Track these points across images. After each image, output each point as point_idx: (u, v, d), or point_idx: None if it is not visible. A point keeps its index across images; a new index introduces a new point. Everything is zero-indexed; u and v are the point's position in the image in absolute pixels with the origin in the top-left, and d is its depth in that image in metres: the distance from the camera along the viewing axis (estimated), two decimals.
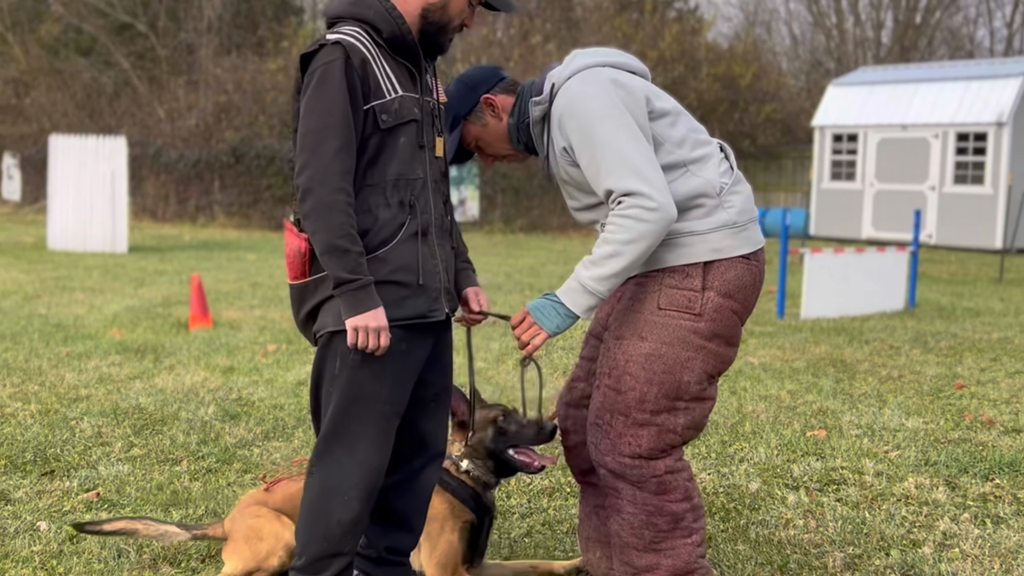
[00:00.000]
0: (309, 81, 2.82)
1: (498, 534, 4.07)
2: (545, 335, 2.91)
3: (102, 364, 7.14)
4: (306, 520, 3.00)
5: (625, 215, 2.84)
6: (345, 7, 2.94)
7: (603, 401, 3.07)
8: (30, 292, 11.13)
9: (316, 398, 3.04)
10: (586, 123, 2.91)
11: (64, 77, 28.90)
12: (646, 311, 3.01)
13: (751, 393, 6.51)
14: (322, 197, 2.75)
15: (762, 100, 25.28)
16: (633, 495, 3.07)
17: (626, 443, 3.03)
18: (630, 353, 3.01)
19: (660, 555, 3.08)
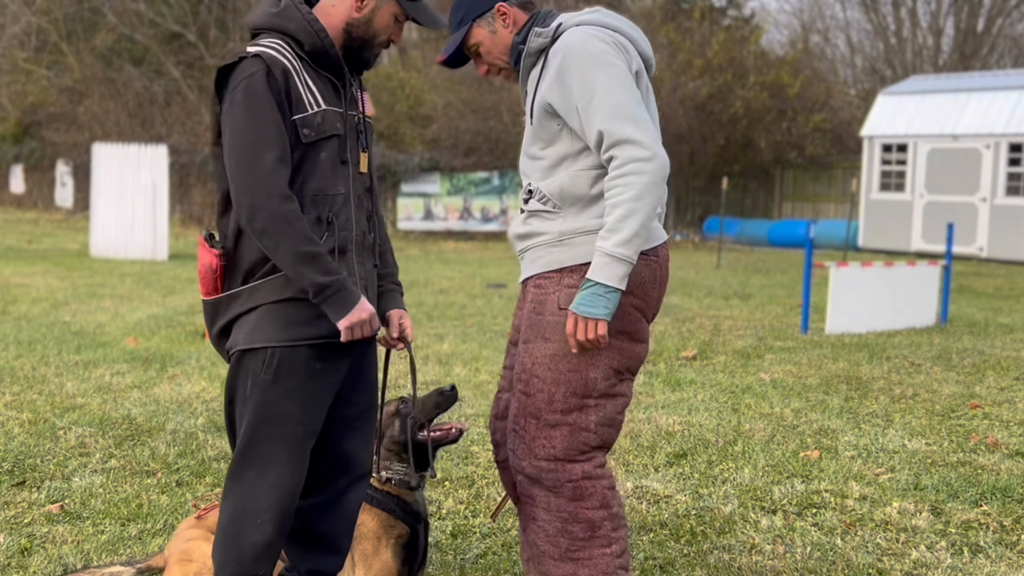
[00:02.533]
0: (232, 96, 2.76)
1: (453, 554, 4.00)
2: (603, 322, 2.85)
3: (107, 373, 7.19)
4: (220, 542, 2.95)
5: (624, 173, 2.82)
6: (267, 19, 2.90)
7: (517, 407, 3.06)
8: (60, 299, 11.29)
9: (230, 417, 2.98)
10: (589, 66, 2.90)
11: (116, 86, 29.44)
12: (547, 312, 3.00)
13: (753, 411, 6.36)
14: (274, 210, 2.70)
15: (811, 109, 24.89)
16: (548, 501, 3.02)
17: (540, 445, 3.00)
18: (536, 355, 3.00)
19: (577, 564, 3.02)
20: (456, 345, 8.65)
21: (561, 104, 2.94)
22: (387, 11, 2.95)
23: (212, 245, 2.87)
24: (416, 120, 25.01)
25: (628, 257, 2.83)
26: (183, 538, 3.45)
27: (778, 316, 10.86)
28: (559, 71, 2.94)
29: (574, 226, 2.99)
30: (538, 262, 3.06)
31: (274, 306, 2.83)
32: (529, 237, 3.09)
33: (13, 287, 12.55)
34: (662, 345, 8.68)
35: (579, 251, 2.98)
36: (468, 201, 23.49)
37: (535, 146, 3.07)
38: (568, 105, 2.93)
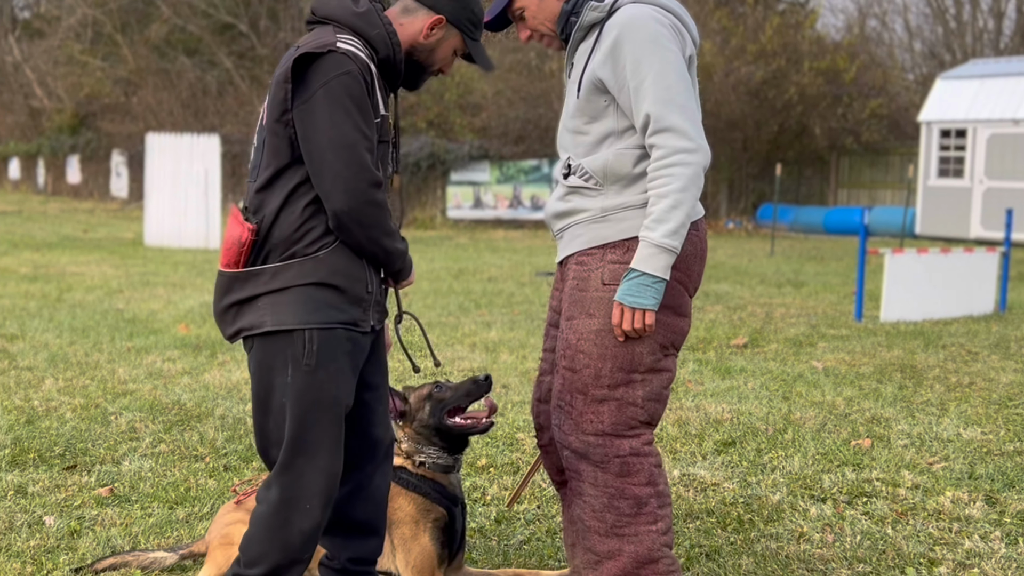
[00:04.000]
0: (329, 89, 2.75)
1: (497, 539, 3.98)
2: (651, 311, 2.87)
3: (158, 359, 7.26)
4: (263, 531, 2.92)
5: (670, 163, 2.84)
6: (349, 16, 2.89)
7: (562, 383, 3.04)
8: (114, 287, 11.45)
9: (265, 404, 2.91)
10: (645, 46, 2.88)
11: (170, 76, 29.82)
12: (591, 289, 2.98)
13: (804, 399, 6.26)
14: (373, 200, 2.80)
15: (868, 95, 24.51)
16: (595, 476, 3.01)
17: (588, 420, 2.99)
18: (580, 331, 2.99)
19: (622, 540, 3.01)
20: (503, 333, 8.63)
21: (612, 81, 2.92)
22: (450, 44, 3.02)
23: (247, 218, 2.86)
24: (466, 108, 25.01)
25: (674, 248, 2.85)
26: (223, 523, 3.47)
27: (832, 304, 10.71)
28: (613, 47, 2.91)
29: (616, 202, 2.98)
30: (580, 239, 3.04)
31: (305, 288, 2.82)
32: (569, 215, 3.07)
33: (69, 275, 12.75)
34: (712, 333, 8.59)
35: (623, 226, 2.96)
36: (518, 189, 23.46)
37: (579, 120, 3.05)
38: (619, 83, 2.91)
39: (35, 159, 41.22)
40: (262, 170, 2.87)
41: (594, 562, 3.05)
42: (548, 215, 3.18)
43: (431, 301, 10.72)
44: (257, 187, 2.88)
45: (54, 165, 39.39)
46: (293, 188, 2.82)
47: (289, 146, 2.81)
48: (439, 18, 2.96)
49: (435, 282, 12.59)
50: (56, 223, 23.56)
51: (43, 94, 41.46)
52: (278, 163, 2.83)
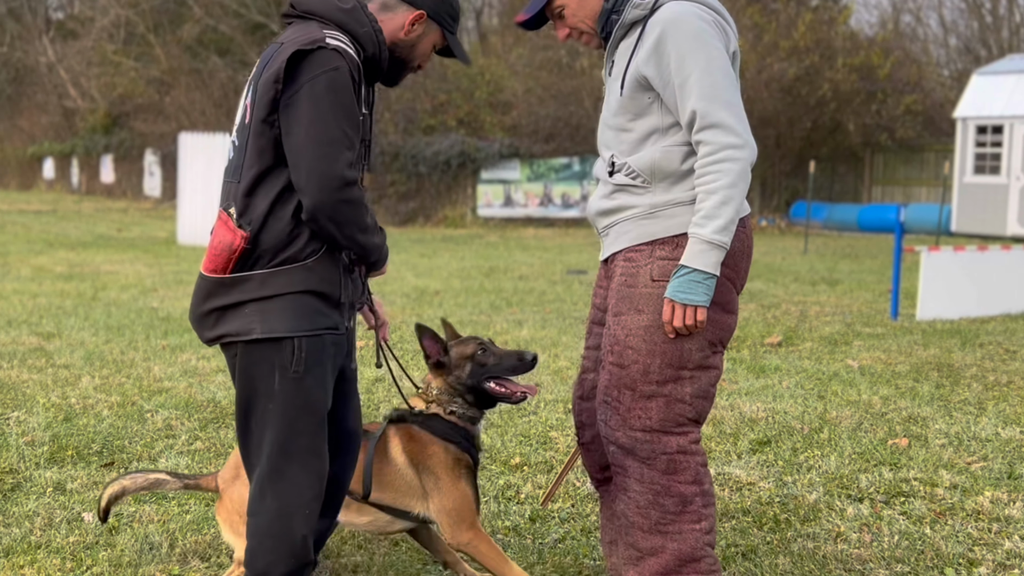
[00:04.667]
0: (314, 85, 2.72)
1: (531, 538, 3.97)
2: (703, 307, 2.87)
3: (192, 357, 7.31)
4: (267, 541, 2.89)
5: (719, 160, 2.84)
6: (335, 12, 2.87)
7: (609, 378, 3.03)
8: (148, 285, 11.54)
9: (248, 411, 2.90)
10: (689, 43, 2.88)
11: (202, 76, 30.01)
12: (640, 285, 2.98)
13: (840, 398, 6.21)
14: (349, 198, 2.75)
15: (902, 91, 24.29)
16: (641, 473, 3.01)
17: (635, 416, 2.99)
18: (629, 327, 2.98)
19: (666, 538, 3.00)
20: (535, 331, 8.62)
21: (657, 78, 2.92)
22: (430, 40, 3.05)
23: (239, 225, 2.80)
24: (496, 106, 25.01)
25: (724, 244, 2.85)
26: (232, 462, 3.43)
27: (867, 302, 10.62)
28: (657, 44, 2.91)
29: (665, 199, 2.97)
30: (628, 235, 3.03)
31: (295, 296, 2.80)
32: (616, 212, 3.05)
33: (103, 274, 12.87)
34: (746, 331, 8.54)
35: (672, 223, 2.96)
36: (548, 187, 23.43)
37: (622, 117, 3.04)
38: (664, 79, 2.91)
39: (69, 159, 41.63)
40: (245, 171, 2.82)
41: (636, 558, 3.05)
42: (592, 213, 3.16)
43: (462, 300, 10.72)
44: (243, 190, 2.81)
45: (88, 165, 39.76)
46: (279, 192, 2.78)
47: (273, 147, 2.77)
48: (420, 13, 2.97)
49: (466, 280, 12.59)
50: (90, 222, 23.79)
51: (77, 94, 41.85)
52: (262, 165, 2.79)
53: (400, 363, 3.49)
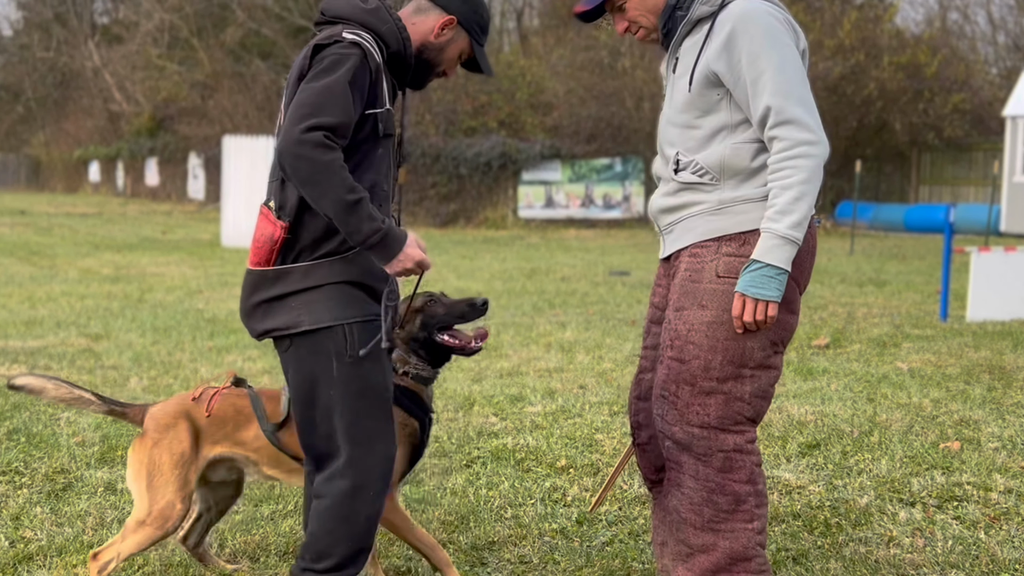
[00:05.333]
0: (320, 62, 2.81)
1: (579, 541, 3.95)
2: (774, 303, 2.85)
3: (239, 358, 7.35)
4: (330, 523, 2.96)
5: (794, 155, 2.82)
6: (358, 12, 2.96)
7: (667, 373, 3.01)
8: (193, 287, 11.63)
9: (311, 402, 2.95)
10: (762, 40, 2.86)
11: (245, 80, 30.28)
12: (705, 280, 2.95)
13: (890, 401, 6.13)
14: (315, 160, 2.70)
15: (950, 89, 23.98)
16: (696, 469, 2.99)
17: (694, 412, 2.97)
18: (691, 322, 2.96)
19: (718, 535, 2.99)
20: (579, 333, 8.59)
21: (728, 74, 2.90)
22: (457, 46, 3.09)
23: (279, 216, 2.88)
24: (537, 107, 25.00)
25: (798, 240, 2.83)
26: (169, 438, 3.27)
27: (916, 303, 10.49)
28: (728, 41, 2.89)
29: (734, 195, 2.95)
30: (694, 231, 3.00)
31: (337, 286, 2.88)
32: (682, 208, 3.03)
33: (149, 276, 13.00)
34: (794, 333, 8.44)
35: (741, 219, 2.93)
36: (590, 188, 23.39)
37: (689, 114, 3.01)
38: (735, 76, 2.89)
39: (114, 162, 42.18)
40: (278, 168, 2.91)
41: (686, 554, 3.03)
42: (655, 211, 3.13)
43: (505, 301, 10.71)
44: (278, 184, 2.92)
45: (133, 168, 40.26)
46: None
47: None
48: (451, 19, 3.04)
49: (508, 282, 12.58)
50: (135, 225, 24.05)
51: (122, 98, 42.40)
52: None
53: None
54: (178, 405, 3.34)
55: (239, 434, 3.33)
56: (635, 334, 8.51)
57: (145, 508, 3.24)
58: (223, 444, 3.33)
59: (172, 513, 3.23)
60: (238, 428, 3.33)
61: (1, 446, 5.06)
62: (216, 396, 3.36)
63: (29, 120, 53.13)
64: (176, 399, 3.39)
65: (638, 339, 8.26)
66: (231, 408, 3.34)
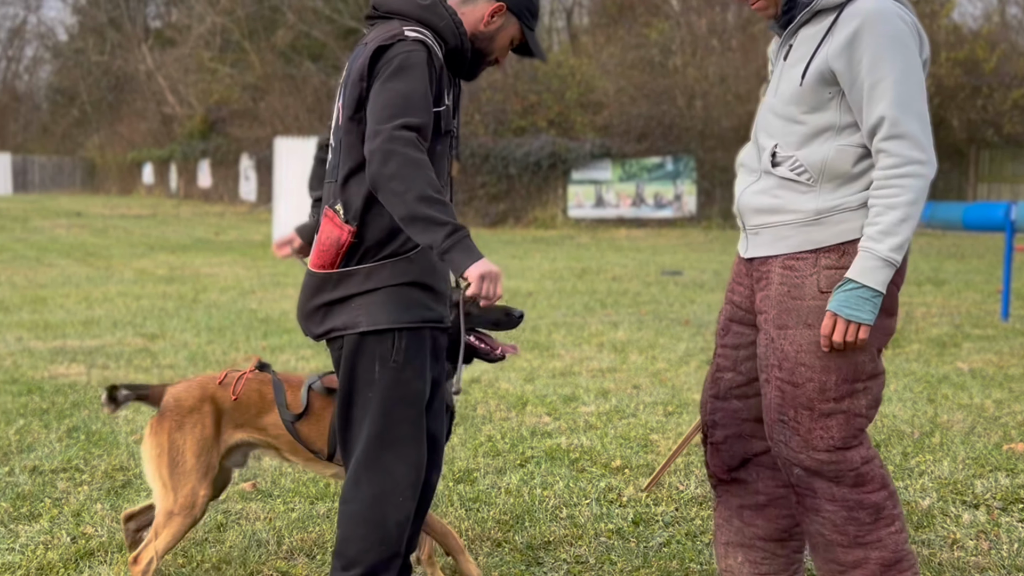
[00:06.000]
0: (389, 64, 2.77)
1: (635, 541, 3.91)
2: (867, 326, 2.76)
3: (292, 358, 7.40)
4: (359, 529, 2.94)
5: (903, 174, 2.69)
6: (414, 9, 2.91)
7: (781, 397, 2.92)
8: (246, 287, 11.74)
9: (349, 402, 2.96)
10: (887, 44, 2.71)
11: (296, 82, 30.51)
12: (807, 297, 2.84)
13: (951, 402, 6.02)
14: (406, 156, 2.67)
15: (1009, 85, 23.56)
16: (831, 492, 2.92)
17: (818, 437, 2.89)
18: (799, 343, 2.85)
19: (867, 548, 2.93)
20: (631, 333, 8.54)
21: (845, 74, 2.76)
22: (508, 33, 3.04)
23: (346, 220, 2.87)
24: (587, 107, 24.94)
25: (897, 262, 2.73)
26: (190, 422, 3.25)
27: (976, 303, 10.32)
28: (852, 39, 2.75)
29: (831, 203, 2.82)
30: (788, 241, 2.88)
31: (396, 288, 2.86)
32: (776, 212, 2.90)
33: (203, 276, 13.14)
34: None
35: (838, 229, 2.81)
36: (641, 187, 23.29)
37: (796, 108, 2.87)
38: (852, 77, 2.75)
39: (167, 164, 42.72)
40: (340, 169, 2.89)
41: (839, 572, 2.98)
42: (744, 207, 3.00)
43: (556, 301, 10.69)
44: (339, 187, 2.89)
45: (186, 170, 40.75)
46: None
47: (362, 143, 2.81)
48: (500, 5, 2.98)
49: (559, 282, 12.56)
50: (189, 226, 24.34)
51: (175, 101, 42.94)
52: (353, 161, 2.85)
53: None
54: (202, 387, 3.32)
55: (261, 419, 3.33)
56: (689, 334, 8.45)
57: (170, 498, 3.22)
58: (245, 429, 3.32)
59: (197, 500, 3.23)
60: (261, 413, 3.32)
61: (62, 444, 5.13)
62: (243, 380, 3.34)
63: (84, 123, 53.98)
64: (199, 380, 3.37)
65: (692, 339, 8.20)
66: (255, 393, 3.33)
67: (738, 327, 3.14)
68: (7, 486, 4.49)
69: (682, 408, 5.87)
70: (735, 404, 3.15)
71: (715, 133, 23.20)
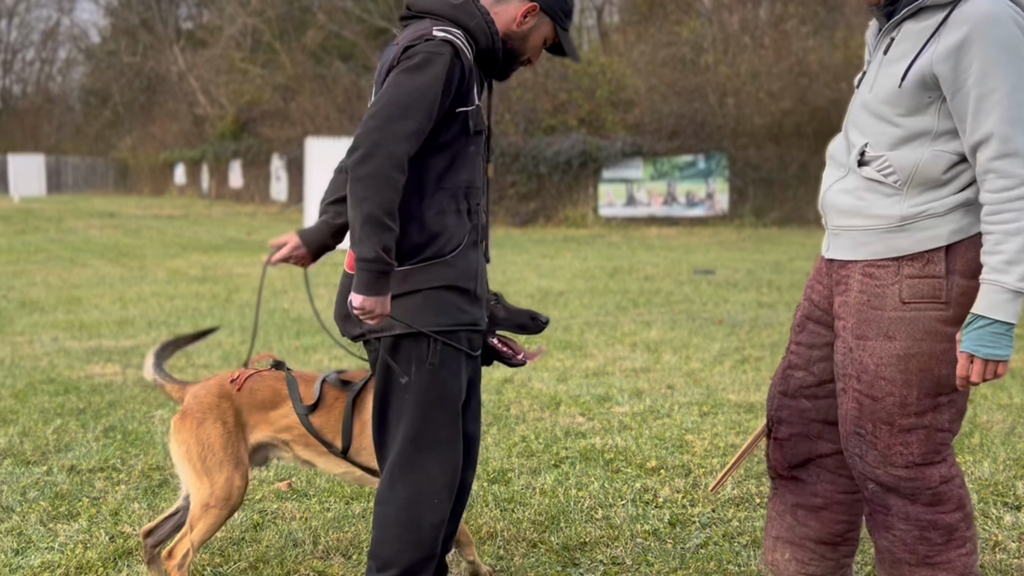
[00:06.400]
0: (408, 60, 2.76)
1: (672, 543, 3.89)
2: (1004, 363, 2.64)
3: (325, 357, 7.42)
4: (393, 531, 2.95)
5: (1019, 196, 2.55)
6: (445, 7, 2.90)
7: (859, 409, 2.85)
8: (278, 288, 11.79)
9: (384, 403, 2.96)
10: (1000, 53, 2.56)
11: (326, 82, 30.65)
12: (888, 307, 2.75)
13: (990, 402, 5.95)
14: (381, 168, 2.67)
15: None
16: (906, 511, 2.86)
17: (897, 453, 2.81)
18: (879, 355, 2.77)
19: (935, 569, 2.87)
20: (665, 332, 8.51)
21: (950, 80, 2.62)
22: (541, 33, 3.02)
23: None
24: (618, 105, 24.89)
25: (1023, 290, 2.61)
26: (212, 418, 3.28)
27: None
28: (961, 45, 2.59)
29: (915, 209, 2.71)
30: (868, 247, 2.78)
31: (435, 291, 2.87)
32: (858, 215, 2.80)
33: (235, 276, 13.21)
34: None
35: (922, 236, 2.71)
36: (672, 186, 23.21)
37: (891, 108, 2.73)
38: (957, 85, 2.61)
39: (199, 165, 43.03)
40: None
41: None
42: (829, 205, 2.90)
43: (587, 300, 10.66)
44: None
45: (217, 170, 41.02)
46: (411, 191, 2.82)
47: None
48: (533, 5, 2.97)
49: (590, 281, 12.53)
50: (221, 226, 24.49)
51: (206, 102, 43.25)
52: None
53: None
54: (219, 385, 3.35)
55: (273, 415, 3.33)
56: (723, 334, 8.40)
57: (206, 490, 3.23)
58: (261, 427, 3.33)
59: (233, 489, 3.23)
60: (274, 409, 3.33)
61: (99, 443, 5.17)
62: (250, 376, 3.34)
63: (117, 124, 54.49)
64: (217, 379, 3.39)
65: (726, 338, 8.15)
66: (269, 389, 3.34)
67: (814, 326, 3.06)
68: (46, 485, 4.53)
69: (717, 408, 5.84)
70: (804, 403, 3.09)
71: (747, 131, 23.09)
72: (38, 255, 16.43)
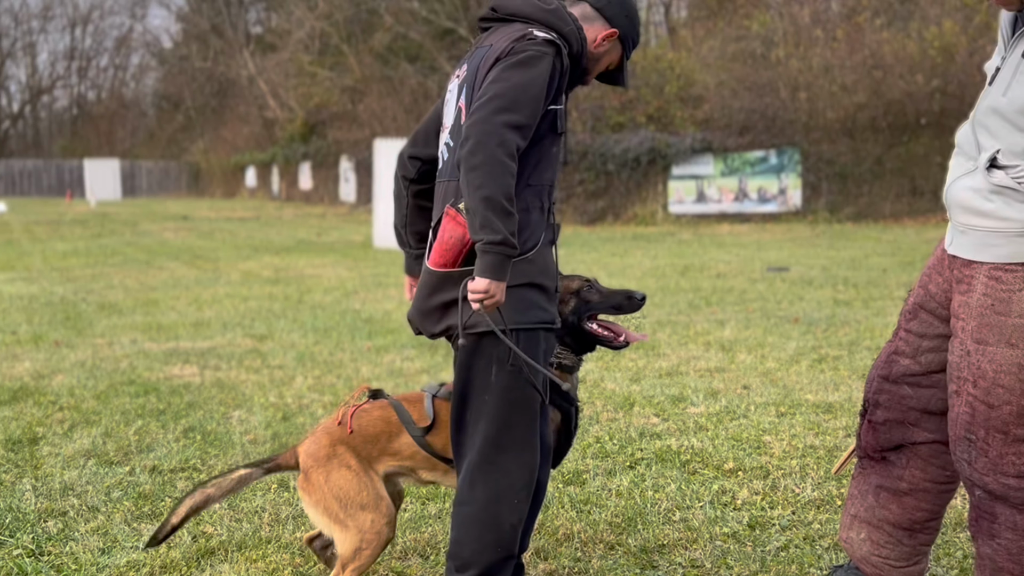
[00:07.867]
0: (514, 56, 2.78)
1: (752, 545, 3.83)
2: None
3: (397, 358, 7.46)
4: (473, 530, 2.95)
5: None
6: (540, 13, 2.93)
7: (972, 414, 2.78)
8: (349, 288, 11.89)
9: (464, 402, 2.96)
10: None
11: (393, 83, 30.88)
12: (1013, 314, 2.67)
13: None
14: (495, 155, 2.67)
15: None
16: (1013, 521, 2.79)
17: (1009, 462, 2.75)
18: (999, 363, 2.70)
19: None
20: (739, 331, 8.41)
21: None
22: (609, 58, 3.09)
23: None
24: (687, 101, 24.71)
25: None
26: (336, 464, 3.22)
27: None
28: None
29: None
30: (996, 250, 2.70)
31: (517, 289, 2.85)
32: (987, 216, 2.72)
33: (307, 277, 13.34)
34: None
35: None
36: (743, 182, 22.97)
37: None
38: None
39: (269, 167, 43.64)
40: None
41: None
42: (955, 202, 2.82)
43: (659, 299, 10.59)
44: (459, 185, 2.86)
45: (287, 172, 41.56)
46: None
47: None
48: (614, 31, 3.03)
49: (661, 279, 12.44)
50: (291, 228, 24.78)
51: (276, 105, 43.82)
52: None
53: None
54: (328, 434, 3.27)
55: (393, 445, 3.26)
56: (799, 332, 8.28)
57: (355, 537, 3.15)
58: (382, 460, 3.25)
59: (381, 527, 3.16)
60: (391, 440, 3.26)
61: (179, 444, 5.24)
62: (353, 413, 3.27)
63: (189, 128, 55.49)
64: (322, 428, 3.33)
65: (802, 337, 8.03)
66: (380, 422, 3.27)
67: (927, 316, 2.99)
68: (129, 485, 4.60)
69: (795, 409, 5.75)
70: (905, 391, 3.04)
71: (820, 125, 22.78)
72: (115, 258, 16.77)
